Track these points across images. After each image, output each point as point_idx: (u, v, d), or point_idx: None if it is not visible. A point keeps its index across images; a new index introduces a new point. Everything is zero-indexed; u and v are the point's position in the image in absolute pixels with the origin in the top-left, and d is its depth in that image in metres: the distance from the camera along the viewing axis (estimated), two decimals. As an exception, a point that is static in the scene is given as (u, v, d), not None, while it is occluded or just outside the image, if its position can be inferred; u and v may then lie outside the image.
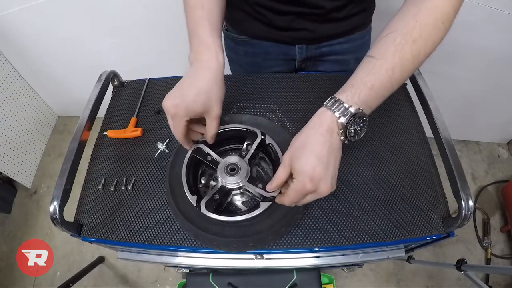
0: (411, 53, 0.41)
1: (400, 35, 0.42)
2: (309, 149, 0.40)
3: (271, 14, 0.65)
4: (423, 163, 0.59)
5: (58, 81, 1.62)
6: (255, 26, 0.69)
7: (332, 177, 0.40)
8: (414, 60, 0.42)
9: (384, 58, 0.42)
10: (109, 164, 0.61)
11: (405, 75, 0.43)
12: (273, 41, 0.72)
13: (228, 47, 0.82)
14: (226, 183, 0.50)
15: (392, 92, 0.44)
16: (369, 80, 0.41)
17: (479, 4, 0.99)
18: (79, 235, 0.55)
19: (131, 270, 1.48)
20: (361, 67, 0.43)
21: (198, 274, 0.85)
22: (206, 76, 0.46)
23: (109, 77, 0.68)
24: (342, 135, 0.41)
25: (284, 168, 0.42)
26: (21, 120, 1.60)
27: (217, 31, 0.51)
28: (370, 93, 0.41)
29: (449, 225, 0.51)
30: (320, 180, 0.39)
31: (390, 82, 0.42)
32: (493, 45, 1.12)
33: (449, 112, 1.35)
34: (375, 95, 0.41)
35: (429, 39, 0.42)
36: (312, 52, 0.73)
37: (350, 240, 0.51)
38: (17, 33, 1.33)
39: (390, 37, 0.42)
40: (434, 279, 1.40)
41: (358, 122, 0.41)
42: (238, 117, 0.58)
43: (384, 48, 0.42)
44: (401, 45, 0.41)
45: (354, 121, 0.40)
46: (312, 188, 0.39)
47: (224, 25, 0.77)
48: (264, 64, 0.79)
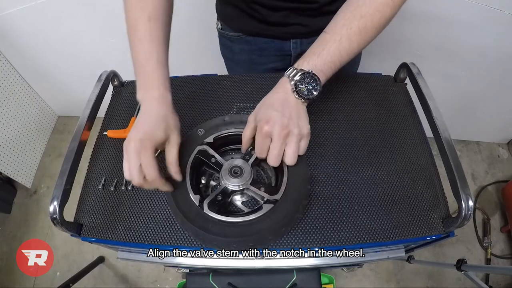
0: (358, 26, 0.48)
1: (350, 11, 0.49)
2: (267, 104, 0.48)
3: (265, 10, 0.66)
4: (423, 163, 0.59)
5: (58, 81, 1.62)
6: (249, 23, 0.70)
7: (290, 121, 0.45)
8: (361, 32, 0.48)
9: (334, 32, 0.49)
10: (109, 164, 0.61)
11: (354, 45, 0.49)
12: (267, 37, 0.73)
13: (224, 45, 0.82)
14: (229, 185, 0.50)
15: (345, 60, 0.50)
16: (318, 50, 0.49)
17: (479, 4, 0.99)
18: (79, 235, 0.55)
19: (131, 270, 1.48)
20: (316, 41, 0.51)
21: (198, 274, 0.85)
22: (159, 109, 0.49)
23: (109, 77, 0.68)
24: (296, 94, 0.47)
25: (248, 126, 0.50)
26: (21, 120, 1.60)
27: (165, 65, 0.52)
28: (318, 59, 0.48)
29: (449, 225, 0.51)
30: (275, 122, 0.45)
31: (337, 50, 0.48)
32: (493, 45, 1.12)
33: (449, 112, 1.35)
34: (323, 60, 0.48)
35: (377, 14, 0.48)
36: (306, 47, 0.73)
37: (350, 240, 0.51)
38: (17, 33, 1.33)
39: (341, 14, 0.50)
40: (434, 279, 1.40)
41: (310, 82, 0.47)
42: (238, 117, 0.58)
43: (335, 23, 0.50)
44: (350, 20, 0.48)
45: (304, 80, 0.47)
46: (269, 129, 0.45)
47: (219, 24, 0.77)
48: (259, 61, 0.79)
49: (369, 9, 0.48)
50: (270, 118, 0.45)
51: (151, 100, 0.49)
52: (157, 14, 0.51)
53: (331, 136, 0.61)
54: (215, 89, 0.70)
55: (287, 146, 0.46)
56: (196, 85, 0.71)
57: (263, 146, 0.47)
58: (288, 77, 0.48)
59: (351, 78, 0.70)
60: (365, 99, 0.67)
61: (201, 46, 1.34)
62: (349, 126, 0.63)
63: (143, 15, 0.50)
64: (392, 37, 1.18)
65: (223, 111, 0.66)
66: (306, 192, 0.50)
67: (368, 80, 0.70)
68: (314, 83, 0.47)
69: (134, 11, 0.51)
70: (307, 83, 0.47)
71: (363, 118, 0.64)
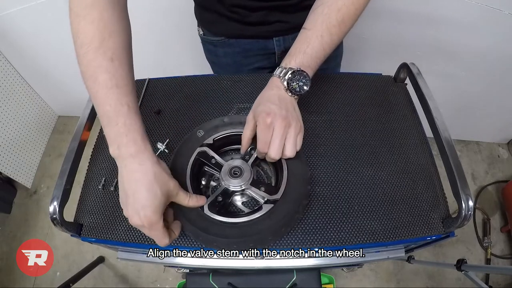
0: (336, 20, 0.50)
1: (327, 6, 0.50)
2: (264, 99, 0.49)
3: (244, 11, 0.66)
4: (423, 163, 0.58)
5: (58, 81, 1.62)
6: (230, 26, 0.70)
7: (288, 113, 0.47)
8: (340, 25, 0.50)
9: (315, 28, 0.50)
10: (109, 164, 0.61)
11: (335, 38, 0.51)
12: (250, 38, 0.73)
13: (208, 51, 0.82)
14: (229, 186, 0.50)
15: (328, 52, 0.52)
16: (303, 47, 0.50)
17: (479, 4, 0.99)
18: (79, 235, 0.55)
19: (131, 270, 1.48)
20: (298, 38, 0.52)
21: (198, 274, 0.85)
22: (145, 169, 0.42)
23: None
24: (289, 92, 0.49)
25: (248, 126, 0.50)
26: (21, 120, 1.60)
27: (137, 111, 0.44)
28: (304, 56, 0.50)
29: (449, 225, 0.51)
30: (275, 113, 0.46)
31: (321, 45, 0.50)
32: (493, 45, 1.12)
33: (449, 112, 1.35)
34: (309, 57, 0.50)
35: (352, 6, 0.50)
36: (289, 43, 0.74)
37: (350, 240, 0.51)
38: (17, 33, 1.33)
39: (319, 10, 0.51)
40: (434, 279, 1.40)
41: (300, 79, 0.49)
42: (237, 118, 0.58)
43: (314, 20, 0.51)
44: (328, 15, 0.50)
45: (294, 78, 0.49)
46: (271, 120, 0.46)
47: (201, 30, 0.78)
48: (245, 62, 0.79)
49: (345, 2, 0.50)
50: (270, 110, 0.46)
51: (130, 158, 0.42)
52: (120, 51, 0.43)
53: (331, 136, 0.61)
54: (215, 89, 0.70)
55: (286, 140, 0.47)
56: (195, 85, 0.71)
57: (266, 137, 0.47)
58: (278, 77, 0.50)
59: (351, 78, 0.70)
60: (365, 99, 0.67)
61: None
62: (349, 126, 0.63)
63: (104, 55, 0.42)
64: (392, 37, 1.18)
65: (222, 112, 0.66)
66: (306, 192, 0.50)
67: (368, 80, 0.70)
68: (304, 79, 0.49)
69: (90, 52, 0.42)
70: (298, 80, 0.49)
71: (363, 118, 0.64)
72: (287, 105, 0.49)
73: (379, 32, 1.14)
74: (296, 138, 0.48)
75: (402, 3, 1.06)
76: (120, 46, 0.44)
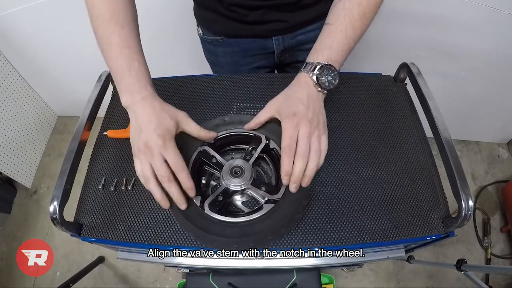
0: (358, 14, 0.51)
1: (348, 1, 0.51)
2: (293, 97, 0.50)
3: (243, 11, 0.66)
4: (423, 163, 0.58)
5: (58, 81, 1.62)
6: (229, 25, 0.70)
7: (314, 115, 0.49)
8: (362, 19, 0.52)
9: (338, 22, 0.51)
10: (109, 164, 0.61)
11: (358, 31, 0.52)
12: (249, 37, 0.73)
13: (207, 50, 0.82)
14: (230, 185, 0.50)
15: (352, 46, 0.53)
16: (328, 42, 0.51)
17: (479, 4, 0.99)
18: (79, 235, 0.55)
19: (131, 270, 1.48)
20: (321, 33, 0.53)
21: (198, 274, 0.85)
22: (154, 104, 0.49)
23: (109, 77, 0.68)
24: (318, 87, 0.50)
25: (267, 112, 0.52)
26: (21, 120, 1.60)
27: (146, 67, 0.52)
28: (330, 51, 0.51)
29: (449, 225, 0.51)
30: (302, 115, 0.47)
31: (345, 39, 0.51)
32: (493, 45, 1.12)
33: (449, 112, 1.35)
34: (335, 51, 0.51)
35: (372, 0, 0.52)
36: (288, 43, 0.75)
37: (350, 240, 0.51)
38: (17, 33, 1.33)
39: (340, 4, 0.52)
40: (434, 279, 1.40)
41: (329, 73, 0.50)
42: (238, 117, 0.58)
43: (337, 14, 0.52)
44: (350, 9, 0.51)
45: (323, 73, 0.50)
46: (297, 121, 0.47)
47: (200, 30, 0.78)
48: (244, 62, 0.79)
49: None
50: (297, 111, 0.48)
51: (142, 100, 0.49)
52: (128, 22, 0.52)
53: (331, 136, 0.61)
54: (215, 89, 0.70)
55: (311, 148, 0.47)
56: (195, 85, 0.71)
57: (293, 134, 0.47)
58: (307, 72, 0.51)
59: (351, 78, 0.70)
60: (365, 99, 0.67)
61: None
62: (349, 126, 0.63)
63: (116, 24, 0.50)
64: (392, 37, 1.18)
65: (223, 111, 0.66)
66: (306, 192, 0.50)
67: (368, 80, 0.70)
68: (333, 73, 0.50)
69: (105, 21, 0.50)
70: (327, 74, 0.50)
71: (363, 118, 0.64)
72: (315, 105, 0.50)
73: (379, 32, 1.14)
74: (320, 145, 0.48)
75: (402, 3, 1.06)
76: (129, 18, 0.52)
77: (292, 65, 0.83)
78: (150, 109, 0.48)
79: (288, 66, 0.85)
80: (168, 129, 0.48)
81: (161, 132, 0.46)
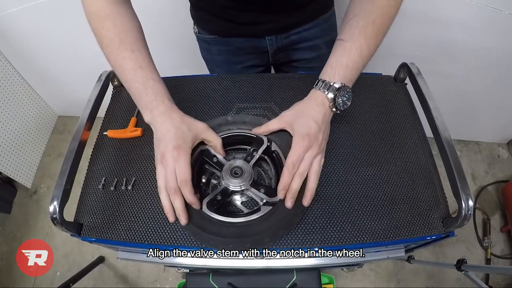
0: (373, 31, 0.51)
1: (362, 19, 0.51)
2: (308, 115, 0.50)
3: (237, 12, 0.66)
4: (423, 163, 0.58)
5: (58, 81, 1.62)
6: (222, 25, 0.71)
7: (323, 139, 0.50)
8: (377, 37, 0.52)
9: (352, 40, 0.51)
10: (109, 164, 0.61)
11: (372, 49, 0.52)
12: (242, 37, 0.73)
13: (203, 48, 0.83)
14: (229, 185, 0.50)
15: (365, 64, 0.53)
16: (344, 60, 0.51)
17: (479, 4, 0.99)
18: (79, 235, 0.55)
19: (131, 270, 1.48)
20: (335, 50, 0.53)
21: (198, 274, 0.85)
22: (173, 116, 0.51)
23: (109, 77, 0.68)
24: (333, 107, 0.51)
25: (278, 123, 0.53)
26: (21, 120, 1.60)
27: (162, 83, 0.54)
28: (346, 70, 0.51)
29: (449, 225, 0.51)
30: (314, 138, 0.48)
31: (360, 57, 0.51)
32: (493, 45, 1.12)
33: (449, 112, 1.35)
34: (350, 70, 0.51)
35: (385, 17, 0.52)
36: (282, 42, 0.75)
37: (350, 240, 0.51)
38: (17, 33, 1.33)
39: (354, 21, 0.51)
40: (434, 279, 1.40)
41: (344, 94, 0.50)
42: (240, 117, 0.58)
43: (351, 32, 0.51)
44: (364, 28, 0.51)
45: (339, 94, 0.50)
46: (308, 144, 0.47)
47: (196, 28, 0.78)
48: (237, 60, 0.80)
49: (378, 14, 0.51)
50: (310, 132, 0.48)
51: (161, 115, 0.50)
52: (137, 43, 0.54)
53: (331, 136, 0.61)
54: (215, 89, 0.70)
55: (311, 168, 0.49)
56: (195, 85, 0.71)
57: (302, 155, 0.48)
58: (320, 90, 0.51)
59: (351, 78, 0.70)
60: (365, 99, 0.67)
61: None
62: (349, 126, 0.63)
63: (126, 50, 0.52)
64: (392, 37, 1.18)
65: (223, 111, 0.66)
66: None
67: (368, 80, 0.70)
68: (347, 94, 0.51)
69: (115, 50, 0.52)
70: (342, 96, 0.50)
71: (363, 118, 0.64)
72: (326, 128, 0.51)
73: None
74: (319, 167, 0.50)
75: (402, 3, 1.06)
76: (136, 39, 0.54)
77: (288, 64, 0.83)
78: (168, 122, 0.50)
79: (283, 65, 0.85)
80: (184, 140, 0.49)
81: (177, 143, 0.47)
